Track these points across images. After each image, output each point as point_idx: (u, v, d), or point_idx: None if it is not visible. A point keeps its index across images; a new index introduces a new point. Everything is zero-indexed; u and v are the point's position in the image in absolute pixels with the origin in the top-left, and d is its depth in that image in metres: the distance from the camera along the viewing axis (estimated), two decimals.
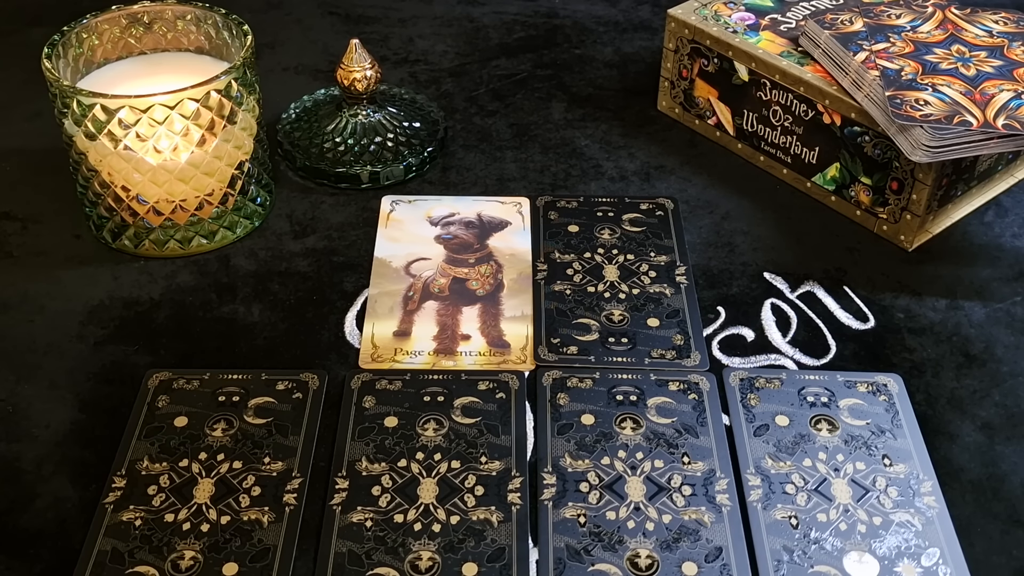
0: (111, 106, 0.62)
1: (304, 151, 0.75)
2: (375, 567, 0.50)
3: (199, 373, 0.59)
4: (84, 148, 0.65)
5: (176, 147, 0.64)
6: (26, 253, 0.69)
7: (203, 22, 0.71)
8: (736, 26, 0.76)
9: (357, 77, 0.74)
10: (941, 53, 0.68)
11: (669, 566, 0.50)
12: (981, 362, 0.61)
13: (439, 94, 0.85)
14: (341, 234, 0.70)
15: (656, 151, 0.78)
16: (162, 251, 0.68)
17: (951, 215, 0.71)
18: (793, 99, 0.72)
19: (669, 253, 0.68)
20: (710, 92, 0.78)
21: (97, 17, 0.69)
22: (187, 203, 0.67)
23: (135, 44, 0.71)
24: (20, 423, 0.57)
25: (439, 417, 0.57)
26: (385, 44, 0.91)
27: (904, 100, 0.64)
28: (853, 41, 0.70)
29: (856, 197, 0.71)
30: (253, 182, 0.70)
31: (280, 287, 0.66)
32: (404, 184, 0.75)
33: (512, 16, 0.95)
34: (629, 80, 0.86)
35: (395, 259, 0.68)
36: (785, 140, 0.74)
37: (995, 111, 0.63)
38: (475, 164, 0.77)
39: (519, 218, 0.71)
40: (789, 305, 0.65)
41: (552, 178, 0.76)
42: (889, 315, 0.64)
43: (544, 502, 0.52)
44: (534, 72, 0.88)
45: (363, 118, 0.76)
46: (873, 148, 0.68)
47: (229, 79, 0.64)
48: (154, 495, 0.53)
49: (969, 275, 0.68)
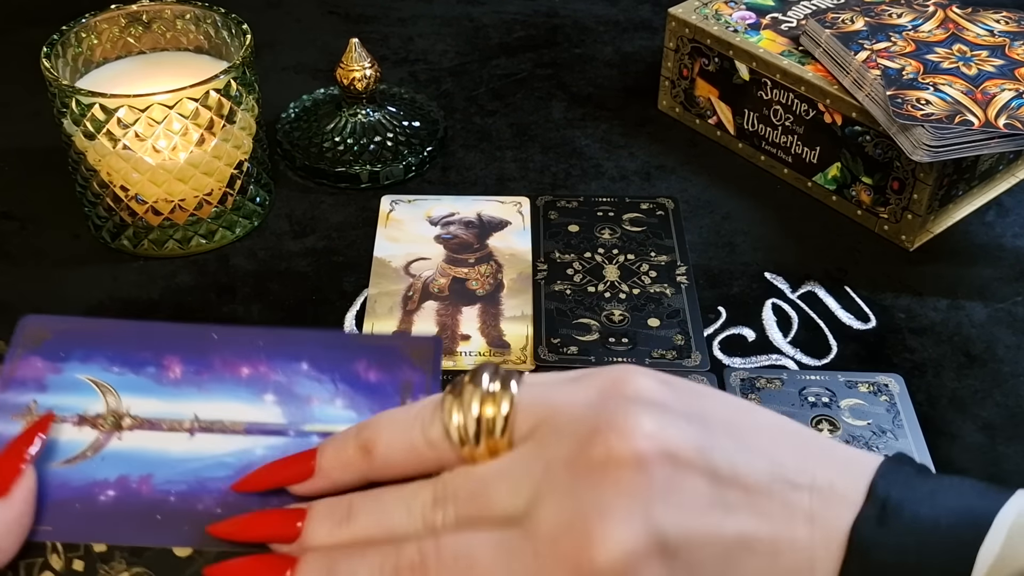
0: (110, 105, 0.62)
1: (303, 151, 0.75)
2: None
3: None
4: (83, 147, 0.64)
5: (175, 147, 0.64)
6: (24, 253, 0.69)
7: (202, 21, 0.71)
8: (737, 25, 0.76)
9: (357, 77, 0.74)
10: (942, 52, 0.68)
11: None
12: (982, 362, 0.61)
13: (439, 94, 0.84)
14: (340, 234, 0.70)
15: (656, 150, 0.78)
16: (161, 251, 0.68)
17: (952, 215, 0.71)
18: (794, 98, 0.71)
19: (670, 253, 0.68)
20: (711, 91, 0.77)
21: (96, 16, 0.69)
22: (186, 203, 0.66)
23: (134, 43, 0.71)
24: None
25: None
26: (385, 43, 0.91)
27: (905, 99, 0.64)
28: (854, 40, 0.69)
29: (857, 197, 0.71)
30: (252, 182, 0.69)
31: (279, 287, 0.66)
32: (404, 184, 0.75)
33: (512, 15, 0.95)
34: (629, 79, 0.86)
35: (395, 259, 0.68)
36: (786, 140, 0.73)
37: (996, 111, 0.63)
38: (475, 164, 0.77)
39: (519, 218, 0.71)
40: (790, 305, 0.65)
41: (552, 178, 0.76)
42: (890, 315, 0.64)
43: None
44: (534, 72, 0.87)
45: (363, 118, 0.76)
46: (874, 148, 0.68)
47: (228, 78, 0.64)
48: None
49: (970, 275, 0.67)
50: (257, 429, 0.42)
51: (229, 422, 0.42)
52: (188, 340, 0.45)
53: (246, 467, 0.41)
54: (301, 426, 0.42)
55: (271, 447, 0.42)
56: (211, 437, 0.42)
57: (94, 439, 0.42)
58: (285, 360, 0.44)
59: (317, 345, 0.44)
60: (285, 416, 0.43)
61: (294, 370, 0.44)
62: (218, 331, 0.45)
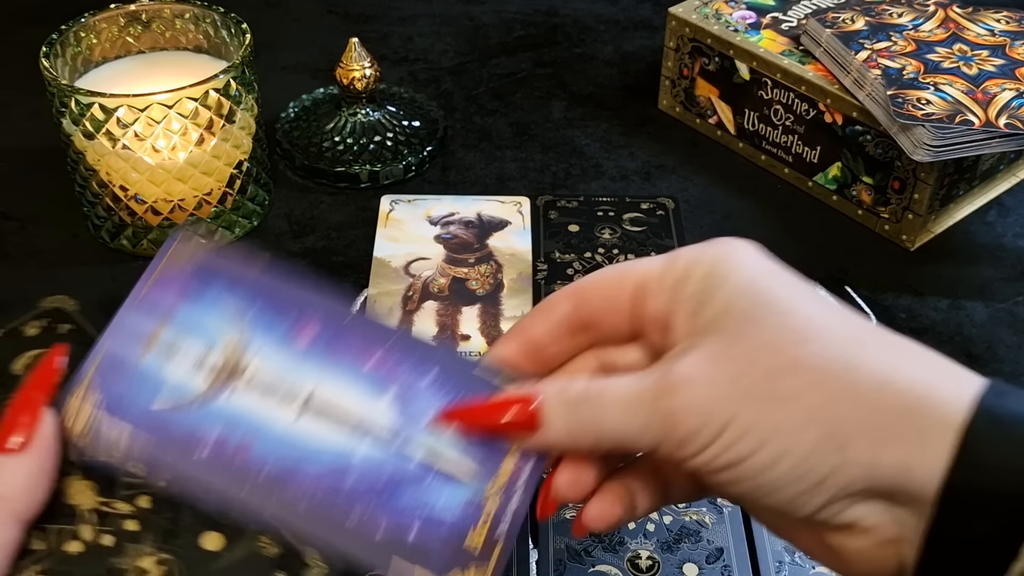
0: (109, 105, 0.62)
1: (303, 150, 0.75)
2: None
3: None
4: (82, 147, 0.64)
5: (174, 146, 0.64)
6: (24, 253, 0.69)
7: (201, 21, 0.71)
8: (737, 24, 0.76)
9: (356, 76, 0.74)
10: (943, 52, 0.68)
11: (670, 567, 0.50)
12: (983, 362, 0.61)
13: (439, 93, 0.84)
14: (340, 234, 0.70)
15: (657, 150, 0.78)
16: None
17: (953, 215, 0.71)
18: (794, 98, 0.71)
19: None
20: (711, 91, 0.77)
21: (95, 16, 0.69)
22: (185, 202, 0.66)
23: (133, 43, 0.71)
24: None
25: None
26: (384, 43, 0.91)
27: (906, 99, 0.63)
28: (855, 40, 0.69)
29: (858, 196, 0.70)
30: (252, 182, 0.69)
31: None
32: (403, 183, 0.75)
33: (512, 15, 0.95)
34: (630, 79, 0.86)
35: (394, 259, 0.67)
36: (786, 139, 0.73)
37: (997, 110, 0.63)
38: (475, 163, 0.77)
39: (519, 218, 0.71)
40: None
41: (552, 177, 0.75)
42: (891, 315, 0.64)
43: None
44: (534, 71, 0.87)
45: (362, 117, 0.76)
46: (875, 147, 0.68)
47: (228, 78, 0.64)
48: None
49: (971, 275, 0.67)
50: (364, 431, 0.40)
51: (341, 412, 0.40)
52: (331, 311, 0.42)
53: (336, 471, 0.39)
54: (405, 447, 0.40)
55: (367, 460, 0.39)
56: (316, 424, 0.40)
57: (205, 389, 0.40)
58: (413, 366, 0.41)
59: (451, 364, 0.41)
60: (395, 425, 0.40)
61: (418, 378, 0.41)
62: (358, 317, 0.42)
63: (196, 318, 0.41)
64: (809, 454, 0.33)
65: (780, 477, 0.34)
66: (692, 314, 0.36)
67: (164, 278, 0.42)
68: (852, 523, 0.34)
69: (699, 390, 0.35)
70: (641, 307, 0.38)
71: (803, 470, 0.34)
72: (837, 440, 0.33)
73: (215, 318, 0.41)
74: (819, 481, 0.34)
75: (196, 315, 0.41)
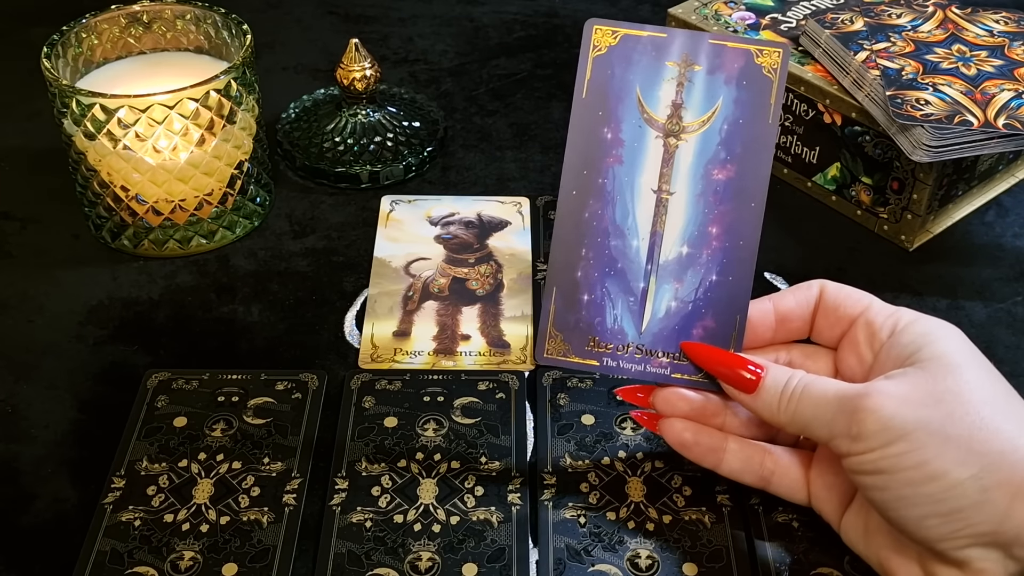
0: (110, 106, 0.62)
1: (304, 151, 0.75)
2: (375, 567, 0.49)
3: (198, 373, 0.59)
4: (83, 148, 0.64)
5: (175, 147, 0.64)
6: (25, 253, 0.69)
7: (202, 21, 0.71)
8: (736, 25, 0.76)
9: (357, 77, 0.74)
10: (942, 52, 0.68)
11: (670, 566, 0.50)
12: None
13: (439, 94, 0.84)
14: (340, 234, 0.70)
15: None
16: (161, 251, 0.68)
17: (952, 215, 0.71)
18: (793, 98, 0.71)
19: None
20: None
21: (96, 16, 0.69)
22: (186, 203, 0.67)
23: (134, 44, 0.71)
24: (19, 423, 0.57)
25: (439, 417, 0.57)
26: (385, 44, 0.91)
27: (905, 100, 0.64)
28: (854, 40, 0.69)
29: (857, 197, 0.71)
30: (252, 182, 0.70)
31: (279, 287, 0.66)
32: (404, 184, 0.75)
33: (512, 15, 0.95)
34: None
35: (395, 259, 0.68)
36: (785, 140, 0.74)
37: (996, 111, 0.63)
38: (475, 164, 0.77)
39: (519, 218, 0.71)
40: None
41: (552, 178, 0.76)
42: None
43: (544, 502, 0.52)
44: (534, 72, 0.87)
45: (363, 118, 0.76)
46: (874, 148, 0.68)
47: (228, 79, 0.64)
48: (153, 495, 0.53)
49: (970, 275, 0.67)
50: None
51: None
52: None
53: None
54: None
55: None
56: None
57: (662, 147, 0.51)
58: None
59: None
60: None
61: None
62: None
63: (629, 91, 0.54)
64: (957, 484, 0.41)
65: (925, 494, 0.41)
66: (906, 356, 0.45)
67: (594, 65, 0.54)
68: (966, 561, 0.42)
69: (889, 402, 0.43)
70: (856, 331, 0.49)
71: (946, 496, 0.41)
72: (984, 482, 0.41)
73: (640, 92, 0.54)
74: (956, 510, 0.41)
75: (629, 88, 0.54)
